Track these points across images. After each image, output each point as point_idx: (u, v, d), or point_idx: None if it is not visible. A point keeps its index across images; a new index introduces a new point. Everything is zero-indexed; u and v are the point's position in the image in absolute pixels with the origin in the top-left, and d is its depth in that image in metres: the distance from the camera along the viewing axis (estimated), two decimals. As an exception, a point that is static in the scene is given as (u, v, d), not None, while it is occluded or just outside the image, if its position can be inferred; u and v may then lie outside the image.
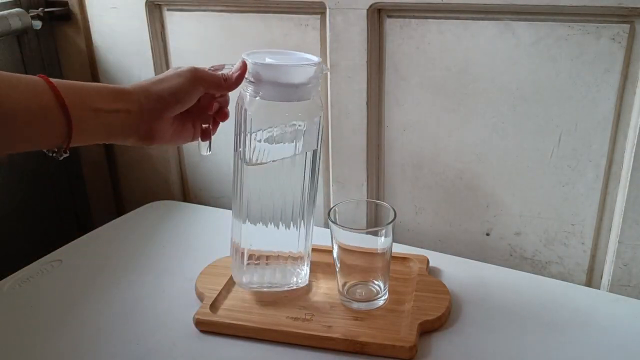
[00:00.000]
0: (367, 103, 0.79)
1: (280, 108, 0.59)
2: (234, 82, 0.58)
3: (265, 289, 0.66)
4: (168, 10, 0.89)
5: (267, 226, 0.63)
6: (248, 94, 0.59)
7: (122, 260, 0.77)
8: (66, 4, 0.93)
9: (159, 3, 0.88)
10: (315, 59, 0.60)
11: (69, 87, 0.48)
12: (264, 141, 0.60)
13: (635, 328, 0.62)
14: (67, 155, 0.49)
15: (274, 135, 0.59)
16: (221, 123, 0.63)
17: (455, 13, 0.72)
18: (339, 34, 0.77)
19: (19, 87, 0.46)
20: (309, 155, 0.62)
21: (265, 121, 0.59)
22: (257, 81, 0.58)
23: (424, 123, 0.78)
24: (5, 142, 0.46)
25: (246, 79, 0.59)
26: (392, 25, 0.75)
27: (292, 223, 0.63)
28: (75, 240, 0.83)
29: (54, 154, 0.49)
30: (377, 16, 0.76)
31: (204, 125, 0.61)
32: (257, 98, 0.58)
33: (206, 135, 0.62)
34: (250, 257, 0.64)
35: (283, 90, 0.58)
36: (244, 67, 0.58)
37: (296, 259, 0.65)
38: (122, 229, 0.87)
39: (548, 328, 0.61)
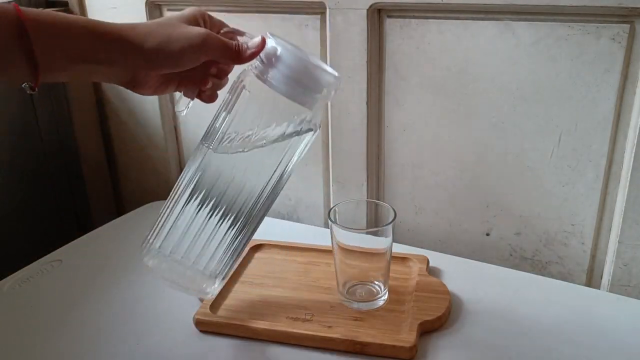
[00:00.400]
0: (367, 103, 0.79)
1: (277, 104, 0.53)
2: (246, 56, 0.52)
3: (167, 283, 0.59)
4: (168, 10, 0.89)
5: (192, 233, 0.56)
6: (253, 72, 0.53)
7: (122, 260, 0.77)
8: (66, 4, 0.93)
9: (159, 3, 0.89)
10: (335, 73, 0.55)
11: (39, 18, 0.43)
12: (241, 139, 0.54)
13: (635, 328, 0.62)
14: (35, 92, 0.45)
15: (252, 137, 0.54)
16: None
17: (455, 13, 0.72)
18: (339, 34, 0.77)
19: None
20: (282, 164, 0.56)
21: (256, 107, 0.54)
22: (270, 64, 0.52)
23: (424, 123, 0.78)
24: None
25: (262, 58, 0.53)
26: (392, 25, 0.75)
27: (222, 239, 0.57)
28: (75, 240, 0.83)
29: (25, 87, 0.45)
30: (377, 16, 0.76)
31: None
32: (261, 82, 0.53)
33: (190, 91, 0.56)
34: (169, 237, 0.58)
35: (293, 85, 0.52)
36: (262, 44, 0.52)
37: (213, 256, 0.58)
38: (122, 229, 0.87)
39: (548, 328, 0.61)
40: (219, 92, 0.59)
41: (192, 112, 0.57)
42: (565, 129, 0.71)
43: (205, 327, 0.62)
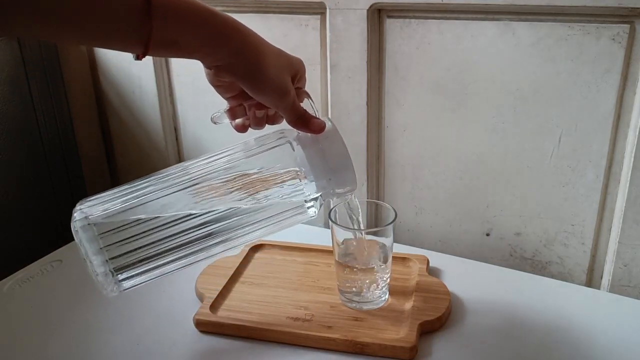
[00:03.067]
0: (367, 103, 0.79)
1: (291, 165, 0.54)
2: (300, 125, 0.54)
3: (81, 250, 0.57)
4: (168, 10, 0.88)
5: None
6: (296, 133, 0.55)
7: (122, 261, 0.77)
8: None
9: (159, 3, 0.88)
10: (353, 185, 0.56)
11: (167, 9, 0.44)
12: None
13: (635, 328, 0.62)
14: (144, 57, 0.45)
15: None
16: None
17: (455, 13, 0.72)
18: (339, 34, 0.77)
19: None
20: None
21: (276, 159, 0.54)
22: (315, 140, 0.54)
23: (424, 123, 0.78)
24: (84, 32, 0.42)
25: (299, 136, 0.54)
26: (392, 26, 0.75)
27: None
28: (75, 240, 0.82)
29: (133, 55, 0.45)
30: (377, 16, 0.76)
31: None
32: (295, 143, 0.54)
33: (234, 114, 0.56)
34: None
35: (317, 163, 0.54)
36: (323, 128, 0.54)
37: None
38: (122, 229, 0.87)
39: (548, 328, 0.61)
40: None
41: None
42: (565, 129, 0.71)
43: (205, 327, 0.62)
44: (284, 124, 0.56)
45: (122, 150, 1.02)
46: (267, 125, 0.58)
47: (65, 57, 0.97)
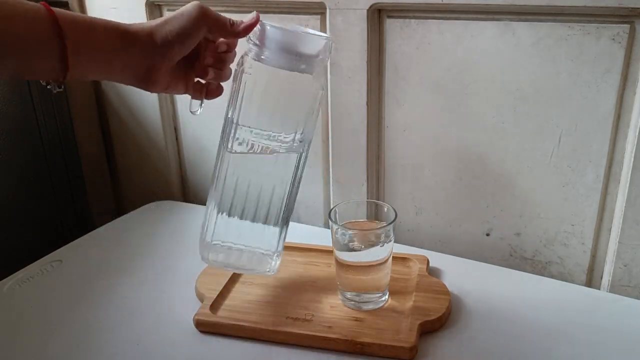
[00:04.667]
0: (367, 103, 0.79)
1: (279, 77, 0.56)
2: (241, 29, 0.55)
3: (230, 269, 0.65)
4: (168, 10, 0.89)
5: (238, 218, 0.61)
6: (250, 55, 0.57)
7: (122, 261, 0.77)
8: (66, 4, 0.93)
9: (159, 3, 0.88)
10: (325, 34, 0.58)
11: (69, 18, 0.47)
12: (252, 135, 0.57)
13: (635, 328, 0.62)
14: (61, 90, 0.48)
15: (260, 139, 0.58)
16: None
17: (455, 13, 0.72)
18: (339, 34, 0.77)
19: (18, 11, 0.44)
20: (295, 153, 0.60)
21: (261, 88, 0.57)
22: (263, 44, 0.55)
23: (424, 123, 0.78)
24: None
25: (251, 40, 0.56)
26: (392, 26, 0.75)
27: (266, 219, 0.61)
28: (75, 240, 0.83)
29: (49, 86, 0.48)
30: (377, 16, 0.76)
31: (196, 80, 0.58)
32: (259, 62, 0.56)
33: (197, 92, 0.59)
34: (228, 224, 0.62)
35: (287, 57, 0.55)
36: (256, 18, 0.55)
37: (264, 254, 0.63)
38: (122, 229, 0.87)
39: (548, 328, 0.61)
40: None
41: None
42: (565, 129, 0.71)
43: (205, 327, 0.62)
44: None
45: (122, 150, 1.02)
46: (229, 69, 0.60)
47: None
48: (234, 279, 0.69)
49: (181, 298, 0.68)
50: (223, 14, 0.56)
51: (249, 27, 0.55)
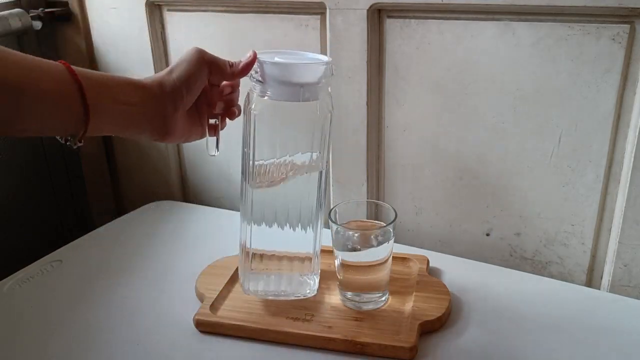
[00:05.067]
0: (367, 103, 0.79)
1: (286, 109, 0.58)
2: (239, 70, 0.57)
3: (272, 297, 0.65)
4: (168, 10, 0.89)
5: (272, 227, 0.62)
6: (255, 93, 0.58)
7: (122, 261, 0.77)
8: (66, 4, 0.93)
9: (159, 3, 0.89)
10: (325, 58, 0.59)
11: (89, 76, 0.48)
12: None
13: (635, 328, 0.62)
14: (81, 144, 0.49)
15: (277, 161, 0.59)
16: (228, 122, 0.61)
17: (455, 13, 0.72)
18: (339, 34, 0.77)
19: (39, 71, 0.46)
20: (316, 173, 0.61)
21: (270, 123, 0.58)
22: (265, 80, 0.57)
23: (424, 123, 0.78)
24: (20, 123, 0.45)
25: (253, 77, 0.57)
26: (392, 26, 0.75)
27: (299, 225, 0.62)
28: (75, 240, 0.83)
29: (68, 142, 0.49)
30: (377, 16, 0.76)
31: (210, 121, 0.59)
32: (264, 97, 0.57)
33: (212, 131, 0.60)
34: (255, 257, 0.63)
35: (290, 89, 0.56)
36: (253, 57, 0.57)
37: (303, 260, 0.63)
38: (122, 229, 0.87)
39: (548, 328, 0.61)
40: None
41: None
42: (565, 129, 0.71)
43: (205, 327, 0.62)
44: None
45: (122, 150, 1.02)
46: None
47: (66, 57, 0.97)
48: (234, 278, 0.69)
49: (181, 298, 0.68)
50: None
51: (247, 67, 0.57)
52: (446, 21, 0.72)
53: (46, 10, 0.92)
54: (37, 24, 0.91)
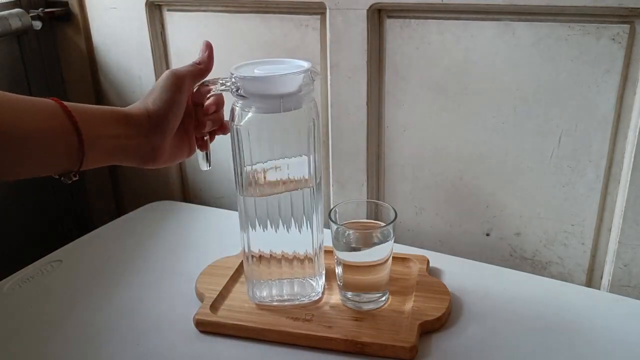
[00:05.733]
0: (367, 103, 0.79)
1: (270, 120, 0.58)
2: (206, 61, 0.58)
3: (278, 303, 0.65)
4: (168, 10, 0.89)
5: (267, 230, 0.62)
6: (238, 107, 0.58)
7: (122, 261, 0.77)
8: (66, 4, 0.93)
9: (159, 3, 0.89)
10: (305, 64, 0.58)
11: (80, 111, 0.48)
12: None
13: (635, 328, 0.62)
14: (77, 179, 0.49)
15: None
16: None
17: (455, 13, 0.72)
18: (339, 34, 0.77)
19: (32, 110, 0.45)
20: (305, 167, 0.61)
21: (256, 135, 0.58)
22: (246, 95, 0.57)
23: (424, 123, 0.78)
24: (17, 167, 0.45)
25: (235, 92, 0.57)
26: (392, 26, 0.75)
27: (294, 225, 0.62)
28: (75, 240, 0.83)
29: (62, 178, 0.49)
30: (377, 16, 0.76)
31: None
32: (247, 111, 0.58)
33: (203, 146, 0.61)
34: (254, 260, 0.63)
35: (270, 101, 0.57)
36: (207, 46, 0.59)
37: (303, 261, 0.63)
38: (122, 229, 0.87)
39: (548, 328, 0.61)
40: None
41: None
42: (565, 129, 0.71)
43: (205, 327, 0.62)
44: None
45: (122, 150, 1.02)
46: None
47: (66, 57, 0.97)
48: (234, 278, 0.69)
49: (181, 298, 0.68)
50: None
51: (209, 56, 0.59)
52: (446, 21, 0.72)
53: (46, 10, 0.92)
54: (37, 24, 0.91)
